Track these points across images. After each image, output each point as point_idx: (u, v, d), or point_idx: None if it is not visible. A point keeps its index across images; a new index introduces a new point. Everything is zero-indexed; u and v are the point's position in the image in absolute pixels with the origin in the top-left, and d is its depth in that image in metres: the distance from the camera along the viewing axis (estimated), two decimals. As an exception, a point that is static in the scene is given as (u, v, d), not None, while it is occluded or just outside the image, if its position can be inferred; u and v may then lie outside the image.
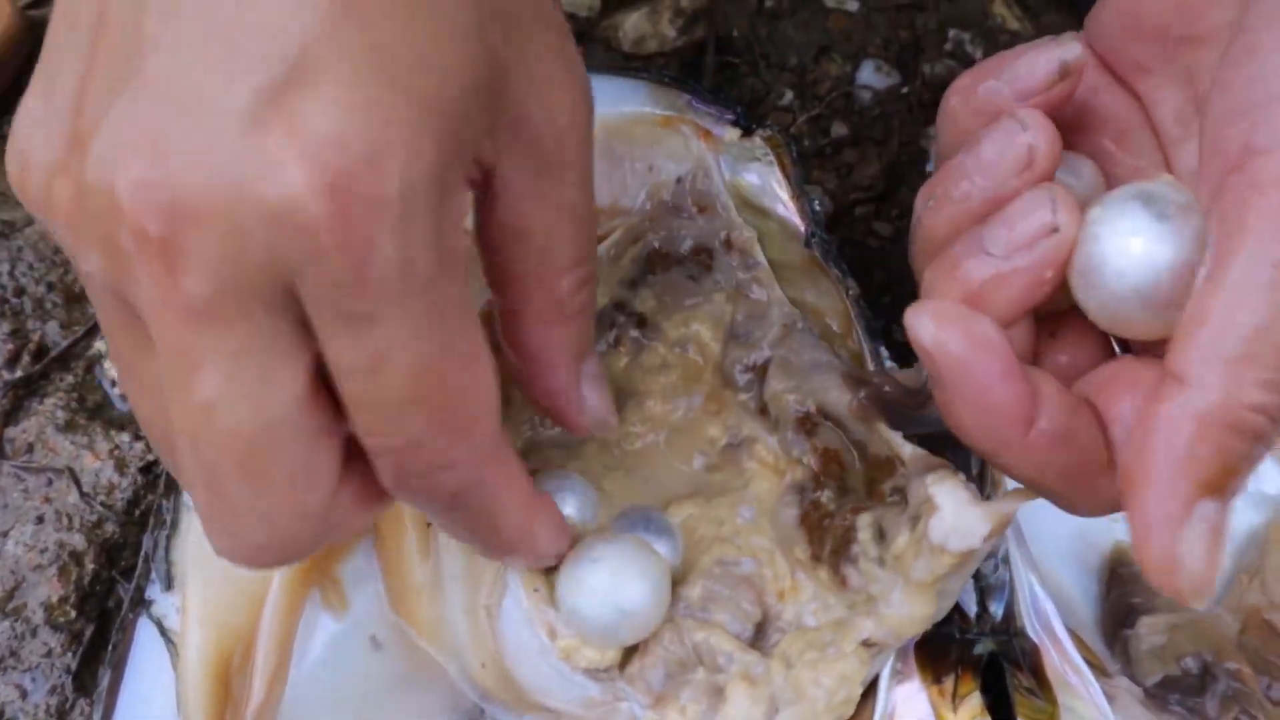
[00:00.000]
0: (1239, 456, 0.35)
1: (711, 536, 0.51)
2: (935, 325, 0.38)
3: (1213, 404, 0.35)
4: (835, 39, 0.68)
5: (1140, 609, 0.55)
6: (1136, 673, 0.53)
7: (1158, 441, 0.35)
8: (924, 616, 0.46)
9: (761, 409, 0.53)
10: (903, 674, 0.48)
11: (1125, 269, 0.38)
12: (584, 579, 0.47)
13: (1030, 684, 0.49)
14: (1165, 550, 0.35)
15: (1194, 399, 0.35)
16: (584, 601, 0.47)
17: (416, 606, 0.53)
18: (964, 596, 0.50)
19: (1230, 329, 0.35)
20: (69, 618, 0.58)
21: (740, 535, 0.51)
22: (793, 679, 0.47)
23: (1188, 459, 0.35)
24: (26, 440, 0.61)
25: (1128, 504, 0.36)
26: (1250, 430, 0.35)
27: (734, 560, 0.50)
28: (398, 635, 0.53)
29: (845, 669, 0.47)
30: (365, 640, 0.54)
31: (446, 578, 0.52)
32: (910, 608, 0.46)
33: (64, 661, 0.57)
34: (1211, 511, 0.35)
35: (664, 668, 0.48)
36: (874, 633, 0.46)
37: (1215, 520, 0.36)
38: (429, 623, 0.53)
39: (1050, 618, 0.50)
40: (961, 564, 0.44)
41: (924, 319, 0.38)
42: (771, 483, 0.52)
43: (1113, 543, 0.57)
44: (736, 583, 0.50)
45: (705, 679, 0.48)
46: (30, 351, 0.63)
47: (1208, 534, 0.35)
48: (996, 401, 0.38)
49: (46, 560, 0.59)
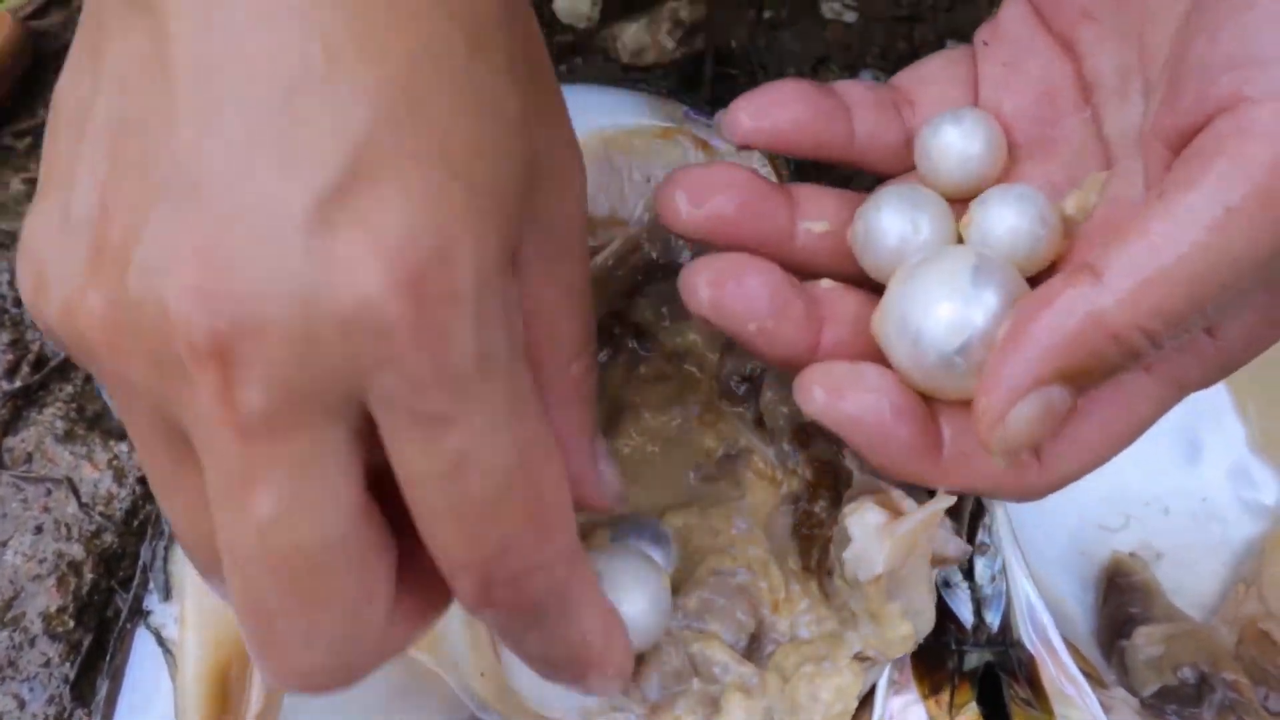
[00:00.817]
0: (1107, 364, 0.36)
1: (707, 547, 0.51)
2: (825, 395, 0.40)
3: (1110, 308, 0.35)
4: (833, 50, 0.68)
5: (1137, 619, 0.55)
6: (1133, 683, 0.53)
7: (1046, 316, 0.36)
8: (901, 636, 0.46)
9: (758, 420, 0.53)
10: (900, 684, 0.49)
11: (930, 333, 0.39)
12: None
13: (1027, 695, 0.49)
14: (999, 407, 0.36)
15: (1095, 296, 0.36)
16: None
17: None
18: (960, 608, 0.50)
19: (1161, 252, 0.35)
20: (67, 627, 0.58)
21: (736, 545, 0.51)
22: (789, 692, 0.47)
23: (1062, 344, 0.36)
24: (25, 450, 0.61)
25: (991, 359, 0.37)
26: (1129, 346, 0.36)
27: (730, 570, 0.50)
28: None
29: (841, 682, 0.47)
30: None
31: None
32: (880, 629, 0.46)
33: (62, 671, 0.57)
34: (1057, 397, 0.36)
35: (659, 678, 0.48)
36: (863, 648, 0.47)
37: (1057, 406, 0.36)
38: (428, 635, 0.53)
39: (1047, 628, 0.50)
40: (888, 589, 0.45)
41: (814, 389, 0.40)
42: (768, 494, 0.52)
43: (1110, 553, 0.57)
44: (732, 593, 0.50)
45: (701, 690, 0.48)
46: (29, 362, 0.63)
47: (1043, 412, 0.36)
48: (899, 443, 0.39)
49: (45, 570, 0.59)
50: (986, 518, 0.50)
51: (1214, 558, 0.58)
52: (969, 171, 0.43)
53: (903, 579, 0.46)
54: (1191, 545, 0.58)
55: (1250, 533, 0.58)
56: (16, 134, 0.69)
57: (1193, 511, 0.59)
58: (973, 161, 0.43)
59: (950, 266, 0.39)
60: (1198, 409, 0.59)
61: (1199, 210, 0.35)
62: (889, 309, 0.40)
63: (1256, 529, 0.58)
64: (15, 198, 0.67)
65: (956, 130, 0.43)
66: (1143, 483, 0.59)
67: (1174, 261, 0.35)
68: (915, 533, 0.45)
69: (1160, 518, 0.58)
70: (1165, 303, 0.35)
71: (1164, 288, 0.35)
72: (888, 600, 0.46)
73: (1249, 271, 0.35)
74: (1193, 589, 0.58)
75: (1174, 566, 0.58)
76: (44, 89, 0.69)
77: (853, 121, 0.45)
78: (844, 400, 0.39)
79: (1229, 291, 0.36)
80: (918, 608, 0.47)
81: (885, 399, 0.39)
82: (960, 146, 0.43)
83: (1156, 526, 0.58)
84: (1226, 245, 0.35)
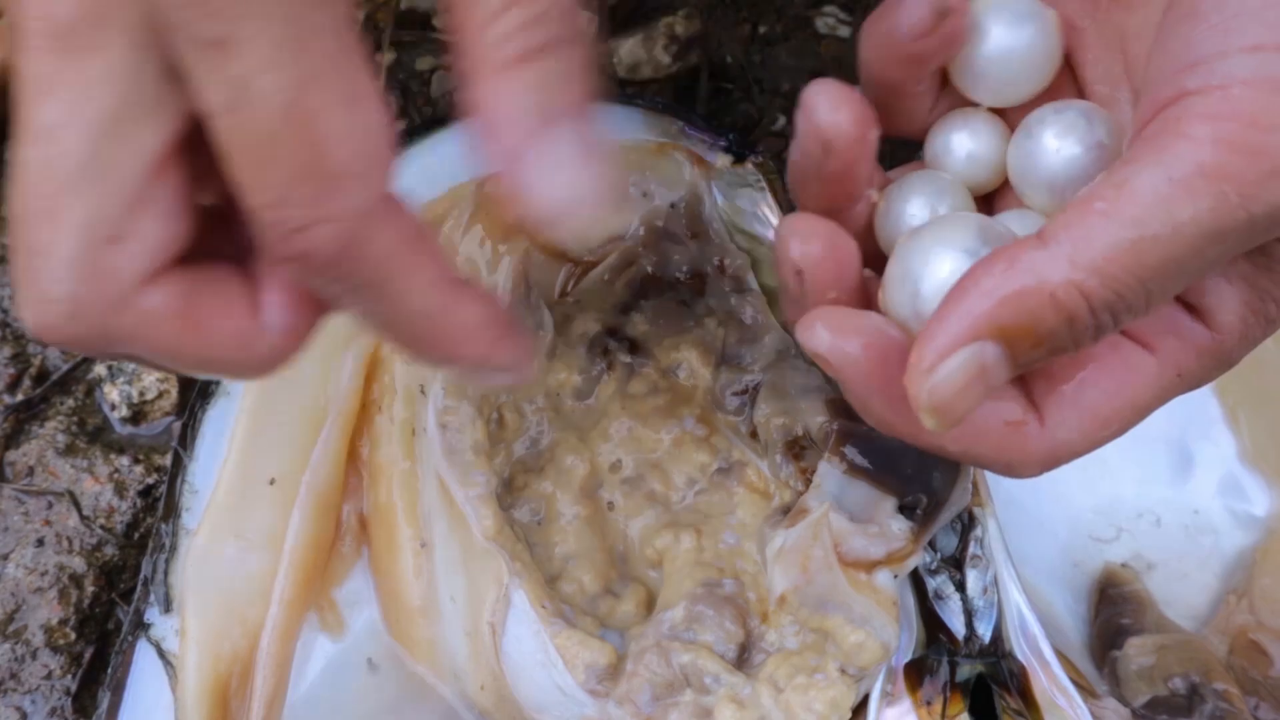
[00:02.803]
0: (1045, 328, 0.36)
1: (695, 560, 0.52)
2: (829, 333, 0.39)
3: (1052, 274, 0.36)
4: (827, 64, 0.69)
5: (1129, 630, 0.55)
6: (1125, 694, 0.53)
7: (988, 274, 0.36)
8: (854, 644, 0.47)
9: (752, 433, 0.54)
10: (892, 696, 0.49)
11: (930, 287, 0.39)
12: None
13: (1018, 706, 0.49)
14: (930, 358, 0.36)
15: (1041, 262, 0.36)
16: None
17: (412, 628, 0.53)
18: (952, 619, 0.50)
19: (1104, 218, 0.36)
20: (69, 640, 0.58)
21: (724, 559, 0.52)
22: (782, 703, 0.47)
23: (1000, 303, 0.36)
24: (27, 464, 0.61)
25: (933, 314, 0.37)
26: (1068, 311, 0.36)
27: (716, 581, 0.51)
28: (393, 657, 0.54)
29: (836, 694, 0.47)
30: (363, 662, 0.54)
31: (444, 599, 0.52)
32: (836, 642, 0.47)
33: (64, 684, 0.58)
34: (991, 356, 0.36)
35: (650, 690, 0.48)
36: (844, 662, 0.47)
37: (990, 366, 0.36)
38: (425, 644, 0.53)
39: (1038, 639, 0.50)
40: (815, 604, 0.46)
41: (816, 327, 0.39)
42: (760, 507, 0.53)
43: (1101, 564, 0.58)
44: (720, 603, 0.50)
45: (694, 700, 0.48)
46: (31, 376, 0.63)
47: (974, 369, 0.36)
48: (897, 391, 0.39)
49: (46, 583, 0.59)
50: (978, 529, 0.51)
51: (1205, 569, 0.58)
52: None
53: (822, 592, 0.47)
54: (1183, 556, 0.58)
55: (1241, 544, 0.58)
56: (18, 149, 0.69)
57: (1184, 523, 0.59)
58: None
59: (955, 226, 0.40)
60: (1189, 421, 0.59)
61: (1143, 183, 0.36)
62: (893, 265, 0.40)
63: (1247, 540, 0.58)
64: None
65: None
66: (1134, 494, 0.59)
67: (1117, 228, 0.36)
68: (801, 549, 0.45)
69: (1152, 529, 0.59)
70: (1106, 268, 0.36)
71: (1105, 253, 0.36)
72: (825, 615, 0.47)
73: (1198, 244, 0.36)
74: (1184, 600, 0.58)
75: (1165, 578, 0.58)
76: (45, 105, 0.70)
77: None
78: (846, 340, 0.39)
79: (1176, 264, 0.36)
80: (863, 614, 0.47)
81: (887, 343, 0.39)
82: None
83: (1148, 538, 0.59)
84: (1170, 215, 0.35)
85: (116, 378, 0.62)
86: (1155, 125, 0.37)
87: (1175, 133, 0.36)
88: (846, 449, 0.48)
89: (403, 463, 0.53)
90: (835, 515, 0.47)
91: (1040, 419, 0.40)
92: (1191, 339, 0.40)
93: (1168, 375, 0.41)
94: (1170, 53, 0.38)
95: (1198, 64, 0.36)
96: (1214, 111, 0.36)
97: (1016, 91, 0.43)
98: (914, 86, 0.43)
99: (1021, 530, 0.56)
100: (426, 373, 0.53)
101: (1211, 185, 0.35)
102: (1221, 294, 0.40)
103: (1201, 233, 0.35)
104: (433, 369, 0.44)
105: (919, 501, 0.48)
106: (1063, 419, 0.40)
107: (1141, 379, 0.40)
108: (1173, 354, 0.40)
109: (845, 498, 0.48)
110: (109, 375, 0.62)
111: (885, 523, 0.48)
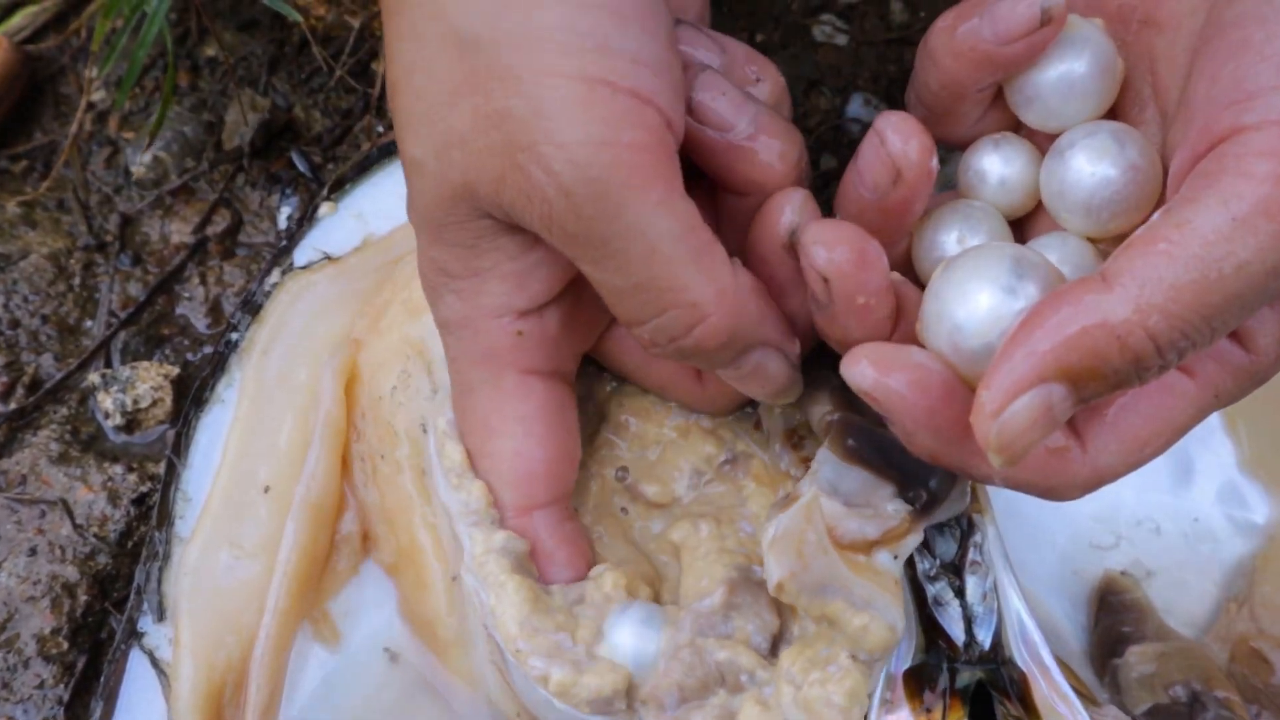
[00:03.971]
0: (1110, 368, 0.36)
1: (718, 551, 0.51)
2: (874, 370, 0.40)
3: (1116, 311, 0.36)
4: (824, 73, 0.68)
5: (1129, 638, 0.55)
6: (1126, 701, 0.53)
7: (1054, 315, 0.37)
8: (859, 628, 0.46)
9: (756, 424, 0.53)
10: (891, 702, 0.48)
11: (970, 320, 0.40)
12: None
13: (1019, 713, 0.49)
14: (998, 399, 0.37)
15: (1106, 303, 0.36)
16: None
17: (448, 659, 0.52)
18: (952, 625, 0.50)
19: (1168, 260, 0.36)
20: (61, 649, 0.58)
21: (746, 547, 0.51)
22: (802, 700, 0.46)
23: (1064, 344, 0.36)
24: (20, 472, 0.61)
25: (997, 355, 0.37)
26: (1134, 351, 0.36)
27: (747, 567, 0.50)
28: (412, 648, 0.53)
29: (852, 683, 0.46)
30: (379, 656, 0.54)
31: (474, 629, 0.52)
32: (840, 628, 0.47)
33: (56, 693, 0.57)
34: (1058, 398, 0.37)
35: (679, 693, 0.48)
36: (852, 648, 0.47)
37: (1056, 405, 0.37)
38: (466, 672, 0.52)
39: (1038, 646, 0.50)
40: (816, 591, 0.46)
41: (862, 364, 0.40)
42: (768, 498, 0.52)
43: (1101, 572, 0.57)
44: (756, 590, 0.49)
45: (720, 702, 0.48)
46: (24, 384, 0.63)
47: (1040, 410, 0.37)
48: (941, 423, 0.40)
49: (39, 592, 0.59)
50: (978, 535, 0.50)
51: (1205, 577, 0.58)
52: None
53: (820, 577, 0.47)
54: (1183, 564, 0.58)
55: (1241, 552, 0.58)
56: (12, 157, 0.69)
57: (1184, 531, 0.59)
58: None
59: (990, 258, 0.40)
60: (1189, 429, 0.59)
61: (1205, 221, 0.36)
62: (930, 300, 0.41)
63: (1248, 548, 0.58)
64: (10, 220, 0.67)
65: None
66: (1134, 502, 0.59)
67: (1181, 269, 0.36)
68: (795, 535, 0.45)
69: (1152, 537, 0.59)
70: (1171, 308, 0.36)
71: (1170, 293, 0.36)
72: (826, 601, 0.46)
73: (1260, 280, 0.36)
74: (1184, 608, 0.58)
75: (1165, 585, 0.58)
76: (40, 113, 0.69)
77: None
78: (891, 376, 0.40)
79: (1239, 301, 0.36)
80: (865, 597, 0.47)
81: (931, 377, 0.40)
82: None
83: (1148, 545, 0.58)
84: (1232, 254, 0.36)
85: (110, 386, 0.61)
86: (1213, 161, 0.37)
87: (1236, 171, 0.36)
88: (847, 440, 0.48)
89: (422, 507, 0.53)
90: (828, 500, 0.47)
91: (1082, 445, 0.41)
92: (1230, 361, 0.41)
93: (1206, 397, 0.41)
94: (1222, 83, 0.38)
95: (1254, 98, 0.37)
96: (1272, 148, 0.36)
97: (1069, 118, 0.43)
98: (974, 94, 0.43)
99: (1021, 538, 0.56)
100: (425, 411, 0.53)
101: (1273, 223, 0.36)
102: (1262, 317, 0.40)
103: (1265, 270, 0.36)
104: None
105: (918, 497, 0.48)
106: (1104, 444, 0.41)
107: (1180, 402, 0.41)
108: (1211, 377, 0.41)
109: (842, 483, 0.48)
110: (102, 383, 0.62)
111: (880, 505, 0.48)
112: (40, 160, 0.69)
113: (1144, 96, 0.43)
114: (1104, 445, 0.41)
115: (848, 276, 0.41)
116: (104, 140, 0.69)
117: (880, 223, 0.43)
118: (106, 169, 0.68)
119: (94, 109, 0.69)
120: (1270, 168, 0.36)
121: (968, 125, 0.45)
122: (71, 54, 0.71)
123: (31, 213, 0.67)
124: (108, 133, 0.69)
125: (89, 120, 0.69)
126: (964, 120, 0.45)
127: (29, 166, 0.69)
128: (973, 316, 0.39)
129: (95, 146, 0.69)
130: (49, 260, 0.66)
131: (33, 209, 0.67)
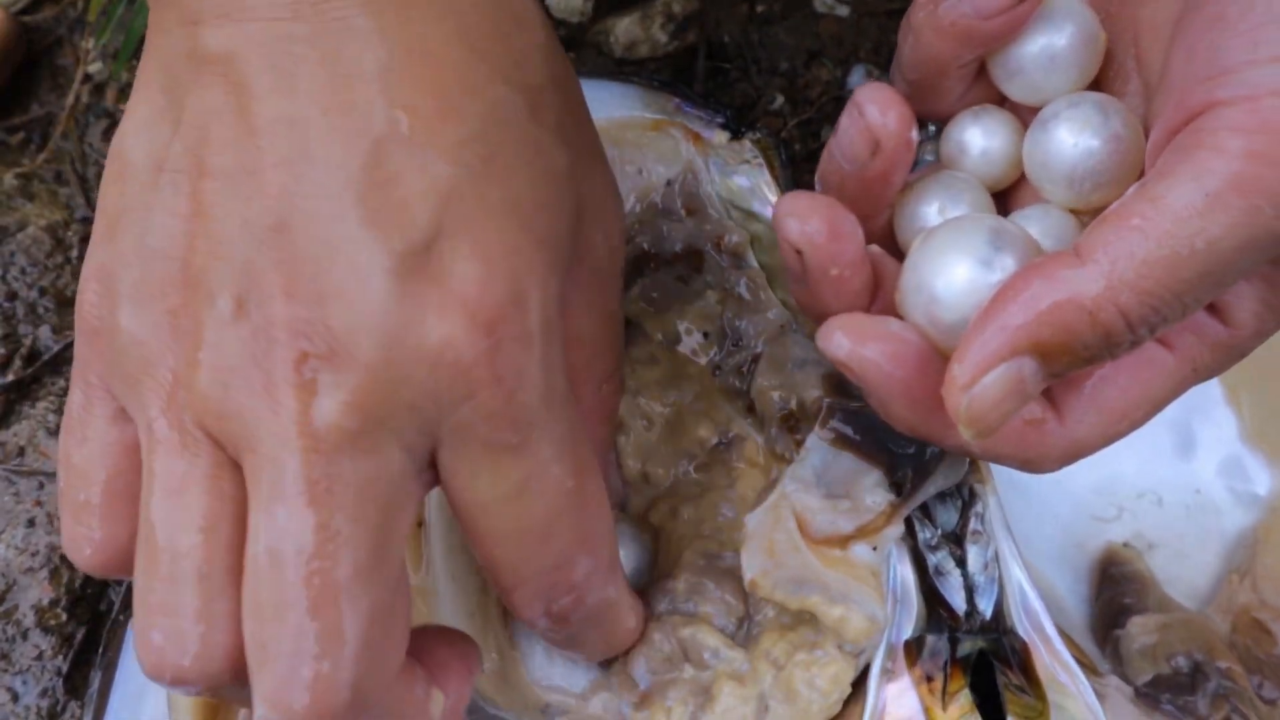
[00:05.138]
0: (1081, 344, 0.36)
1: (694, 534, 0.51)
2: (849, 340, 0.40)
3: (1088, 286, 0.36)
4: (826, 44, 0.68)
5: (1131, 609, 0.55)
6: (1127, 672, 0.53)
7: (1025, 289, 0.37)
8: (838, 619, 0.47)
9: (750, 407, 0.53)
10: (892, 672, 0.48)
11: (947, 293, 0.40)
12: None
13: (1020, 682, 0.49)
14: (969, 373, 0.37)
15: (1079, 279, 0.36)
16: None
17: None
18: (953, 595, 0.50)
19: (1140, 235, 0.36)
20: (60, 621, 0.58)
21: (724, 531, 0.51)
22: (783, 679, 0.47)
23: (1038, 320, 0.36)
24: (18, 444, 0.61)
25: (968, 328, 0.38)
26: (1104, 326, 0.36)
27: (717, 554, 0.50)
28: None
29: (838, 671, 0.47)
30: None
31: (441, 581, 0.52)
32: (821, 621, 0.47)
33: (55, 664, 0.57)
34: (1029, 370, 0.37)
35: (648, 664, 0.48)
36: (837, 639, 0.47)
37: (1027, 382, 0.37)
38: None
39: (1040, 616, 0.50)
40: (792, 587, 0.47)
41: (837, 335, 0.40)
42: (758, 481, 0.52)
43: (1104, 543, 0.57)
44: (720, 575, 0.50)
45: (693, 677, 0.48)
46: (22, 356, 0.63)
47: (1012, 384, 0.37)
48: (918, 394, 0.40)
49: (38, 563, 0.59)
50: (979, 505, 0.50)
51: (1207, 548, 0.58)
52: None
53: (795, 573, 0.47)
54: (1185, 536, 0.58)
55: (1243, 523, 0.58)
56: (9, 129, 0.69)
57: (1186, 502, 0.59)
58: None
59: (967, 230, 0.40)
60: (1190, 401, 0.58)
61: (1178, 197, 0.36)
62: (908, 271, 0.41)
63: (1249, 519, 0.58)
64: (8, 192, 0.67)
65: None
66: (1136, 474, 0.59)
67: (1153, 244, 0.36)
68: (764, 534, 0.45)
69: (1153, 509, 0.59)
70: (1142, 284, 0.36)
71: (1141, 269, 0.36)
72: (803, 596, 0.47)
73: (1232, 256, 0.36)
74: (1186, 580, 0.58)
75: (1167, 557, 0.58)
76: (37, 84, 0.69)
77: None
78: (866, 346, 0.40)
79: (1211, 277, 0.36)
80: (841, 591, 0.47)
81: (907, 348, 0.40)
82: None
83: (1150, 517, 0.58)
84: (1204, 230, 0.35)
85: (108, 358, 0.61)
86: (1187, 136, 0.37)
87: (1208, 146, 0.36)
88: (836, 423, 0.48)
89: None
90: (803, 494, 0.47)
91: (1059, 417, 0.41)
92: (1208, 335, 0.41)
93: (1183, 370, 0.41)
94: (1198, 58, 0.38)
95: (1228, 72, 0.36)
96: (1245, 124, 0.36)
97: (1052, 91, 0.43)
98: (956, 69, 0.43)
99: (1022, 510, 0.56)
100: None
101: (1245, 199, 0.35)
102: (1240, 292, 0.40)
103: (1236, 246, 0.36)
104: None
105: (905, 478, 0.48)
106: (1082, 416, 0.41)
107: (1158, 375, 0.41)
108: (1189, 350, 0.41)
109: (829, 470, 0.48)
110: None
111: (859, 496, 0.48)
112: (37, 132, 0.69)
113: (1127, 69, 0.43)
114: (1081, 417, 0.41)
115: (820, 248, 0.41)
116: (101, 112, 0.69)
117: (860, 194, 0.43)
118: (104, 141, 0.68)
119: (91, 80, 0.69)
120: (1242, 143, 0.35)
121: (952, 100, 0.45)
122: (68, 25, 0.70)
123: (29, 185, 0.67)
124: (105, 104, 0.69)
125: (86, 92, 0.69)
126: (948, 95, 0.45)
127: (26, 138, 0.68)
128: (949, 288, 0.39)
129: (92, 118, 0.69)
130: (46, 232, 0.66)
131: (30, 181, 0.67)
